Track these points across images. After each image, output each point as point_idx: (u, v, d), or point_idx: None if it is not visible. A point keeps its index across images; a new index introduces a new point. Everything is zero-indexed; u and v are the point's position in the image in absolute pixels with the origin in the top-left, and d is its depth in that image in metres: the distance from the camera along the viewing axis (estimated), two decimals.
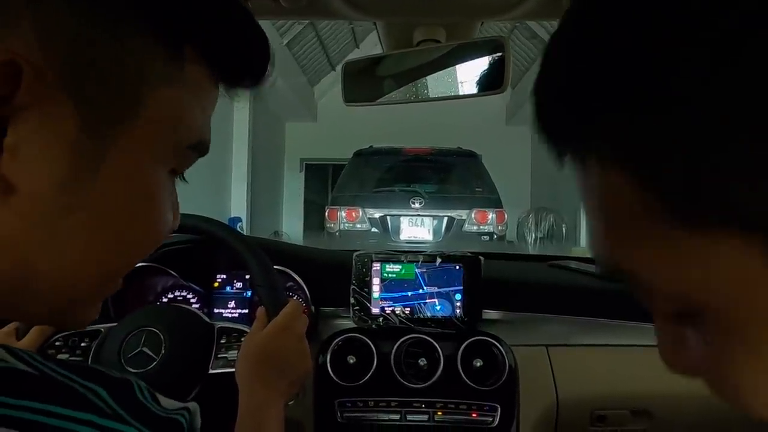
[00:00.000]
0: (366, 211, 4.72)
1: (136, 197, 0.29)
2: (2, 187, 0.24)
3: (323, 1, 0.55)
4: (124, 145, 0.27)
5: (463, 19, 0.62)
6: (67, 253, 0.27)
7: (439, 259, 0.90)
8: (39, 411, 0.22)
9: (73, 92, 0.25)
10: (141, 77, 0.27)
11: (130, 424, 0.24)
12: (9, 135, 0.24)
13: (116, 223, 0.29)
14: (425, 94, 0.67)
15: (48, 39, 0.24)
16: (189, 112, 0.30)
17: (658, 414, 0.88)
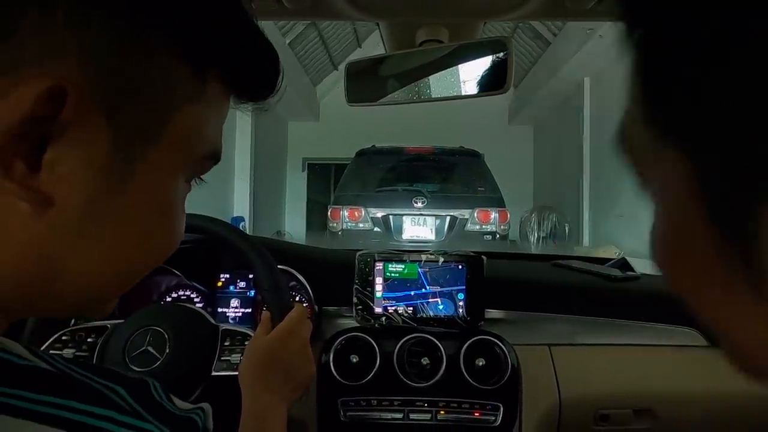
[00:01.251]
0: (368, 211, 4.72)
1: (158, 209, 0.31)
2: (39, 200, 0.26)
3: (326, 2, 0.55)
4: (150, 161, 0.29)
5: (466, 19, 0.62)
6: (92, 259, 0.29)
7: (441, 259, 0.91)
8: (60, 406, 0.23)
9: (108, 113, 0.27)
10: (169, 98, 0.29)
11: (148, 421, 0.25)
12: (48, 152, 0.25)
13: (138, 233, 0.30)
14: (428, 95, 0.67)
15: (88, 62, 0.26)
16: (207, 125, 0.32)
17: (661, 413, 0.88)
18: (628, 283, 1.01)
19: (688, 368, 0.89)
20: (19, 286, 0.27)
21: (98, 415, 0.24)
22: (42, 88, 0.24)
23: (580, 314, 0.94)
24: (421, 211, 4.66)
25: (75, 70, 0.25)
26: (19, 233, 0.26)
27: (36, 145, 0.25)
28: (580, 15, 0.57)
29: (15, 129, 0.24)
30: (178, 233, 0.33)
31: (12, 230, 0.26)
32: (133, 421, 0.24)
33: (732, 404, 0.88)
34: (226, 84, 0.32)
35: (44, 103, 0.24)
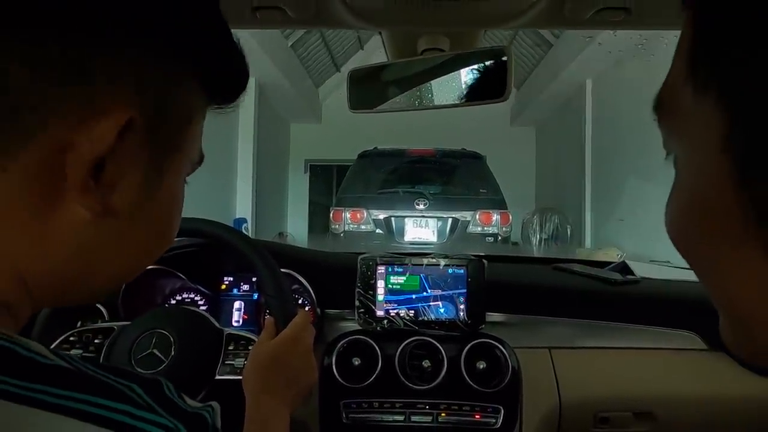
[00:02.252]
0: (370, 213, 4.72)
1: (174, 209, 0.36)
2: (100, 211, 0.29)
3: (329, 12, 0.57)
4: (172, 170, 0.34)
5: (466, 28, 0.63)
6: (123, 256, 0.33)
7: (443, 262, 0.91)
8: (83, 401, 0.25)
9: (150, 131, 0.30)
10: (191, 115, 0.34)
11: (162, 416, 0.26)
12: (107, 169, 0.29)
13: (160, 230, 0.35)
14: (428, 102, 0.68)
15: (142, 90, 0.30)
16: (201, 132, 0.37)
17: (661, 416, 0.88)
18: (628, 286, 1.02)
19: (688, 371, 0.90)
20: (59, 284, 0.31)
21: (117, 409, 0.25)
22: (122, 122, 0.28)
23: (581, 317, 0.94)
24: (423, 213, 4.66)
25: (136, 99, 0.29)
26: (73, 241, 0.30)
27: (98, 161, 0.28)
28: (578, 24, 0.58)
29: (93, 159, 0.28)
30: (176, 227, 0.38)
31: (68, 239, 0.29)
32: (148, 415, 0.26)
33: (731, 407, 0.89)
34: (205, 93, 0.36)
35: (117, 134, 0.28)
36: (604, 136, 6.19)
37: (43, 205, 0.28)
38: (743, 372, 0.89)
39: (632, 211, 5.28)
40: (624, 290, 1.00)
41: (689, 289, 1.03)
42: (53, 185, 0.28)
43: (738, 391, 0.89)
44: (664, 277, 1.08)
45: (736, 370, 0.89)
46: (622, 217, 5.52)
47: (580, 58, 5.78)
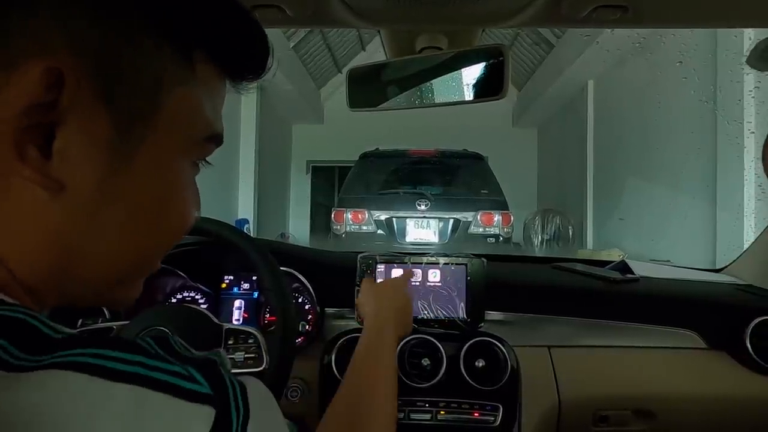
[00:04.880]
0: (372, 213, 4.72)
1: (165, 187, 0.33)
2: (55, 186, 0.28)
3: (328, 10, 0.57)
4: (150, 142, 0.31)
5: (464, 26, 0.64)
6: (107, 240, 0.31)
7: (442, 261, 0.92)
8: (92, 355, 0.25)
9: (104, 97, 0.29)
10: (158, 80, 0.31)
11: (174, 363, 0.27)
12: (57, 139, 0.27)
13: (149, 211, 0.32)
14: (427, 100, 0.68)
15: (79, 53, 0.28)
16: (202, 106, 0.34)
17: (661, 415, 0.88)
18: (628, 285, 1.02)
19: (687, 370, 0.90)
20: (44, 271, 0.30)
21: (130, 361, 0.25)
22: (38, 71, 0.26)
23: (580, 316, 0.94)
24: (424, 214, 4.66)
25: (68, 60, 0.27)
26: (38, 220, 0.28)
27: (46, 134, 0.27)
28: (575, 23, 0.59)
29: (23, 116, 0.26)
30: (188, 213, 0.35)
31: (31, 218, 0.28)
32: (161, 364, 0.26)
33: (731, 406, 0.89)
34: (215, 65, 0.34)
35: (44, 89, 0.26)
36: (606, 137, 6.19)
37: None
38: (743, 371, 0.89)
39: (634, 211, 5.27)
40: (623, 289, 1.00)
41: (689, 288, 1.03)
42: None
43: (738, 390, 0.89)
44: (664, 276, 1.08)
45: (736, 369, 0.89)
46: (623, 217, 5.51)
47: (581, 59, 5.77)
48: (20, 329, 0.25)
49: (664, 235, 4.52)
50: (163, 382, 0.25)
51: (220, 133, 0.36)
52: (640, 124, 5.18)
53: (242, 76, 0.37)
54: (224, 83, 0.36)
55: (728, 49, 3.50)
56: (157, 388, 0.25)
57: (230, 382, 0.28)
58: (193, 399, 0.25)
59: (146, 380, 0.25)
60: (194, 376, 0.26)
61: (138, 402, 0.24)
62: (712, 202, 3.77)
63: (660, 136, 4.76)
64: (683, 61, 4.18)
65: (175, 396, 0.25)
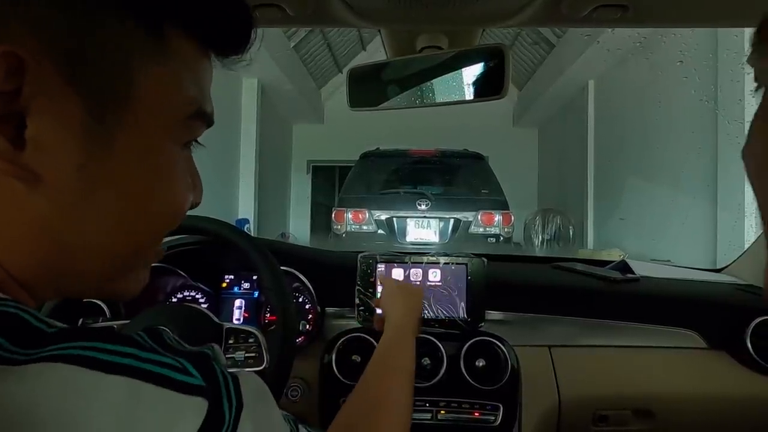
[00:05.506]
0: (372, 213, 4.72)
1: (151, 171, 0.31)
2: (30, 177, 0.27)
3: (328, 10, 0.57)
4: (128, 124, 0.29)
5: (464, 26, 0.64)
6: (96, 229, 0.30)
7: (442, 261, 0.92)
8: (86, 347, 0.25)
9: (72, 81, 0.27)
10: (127, 59, 0.29)
11: (166, 356, 0.27)
12: (28, 128, 0.27)
13: (137, 197, 0.31)
14: (427, 100, 0.68)
15: (38, 34, 0.27)
16: (181, 84, 0.32)
17: (660, 414, 0.89)
18: (628, 285, 1.02)
19: (687, 370, 0.90)
20: (36, 264, 0.29)
21: (122, 353, 0.25)
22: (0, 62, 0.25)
23: (580, 316, 0.94)
24: (425, 214, 4.66)
25: (28, 44, 0.26)
26: (22, 213, 0.28)
27: (16, 123, 0.26)
28: (576, 22, 0.59)
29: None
30: (180, 196, 0.34)
31: (14, 211, 0.28)
32: (153, 356, 0.26)
33: (731, 406, 0.89)
34: (193, 40, 0.32)
35: (5, 74, 0.25)
36: (607, 137, 6.18)
37: None
38: (743, 371, 0.89)
39: (635, 211, 5.27)
40: (624, 289, 1.00)
41: (689, 288, 1.03)
42: None
43: (738, 390, 0.89)
44: (664, 275, 1.08)
45: (736, 369, 0.89)
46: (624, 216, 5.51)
47: (582, 58, 5.77)
48: (12, 323, 0.25)
49: (665, 234, 4.52)
50: (156, 373, 0.25)
51: (207, 111, 0.34)
52: (640, 124, 5.18)
53: (225, 51, 0.35)
54: (208, 59, 0.34)
55: (729, 48, 3.50)
56: (149, 380, 0.25)
57: (222, 374, 0.28)
58: (186, 391, 0.26)
59: (139, 372, 0.25)
60: (187, 368, 0.26)
61: (131, 393, 0.24)
62: (712, 201, 3.77)
63: (660, 135, 4.76)
64: (684, 61, 4.18)
65: (167, 387, 0.25)
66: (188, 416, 0.25)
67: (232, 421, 0.27)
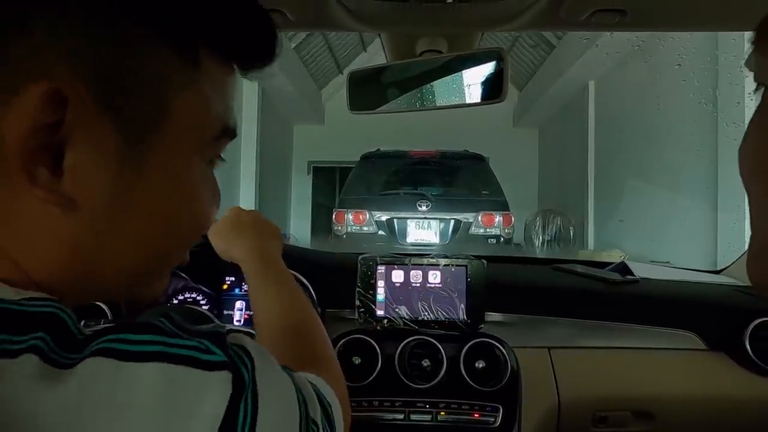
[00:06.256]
0: (373, 214, 4.73)
1: (179, 191, 0.33)
2: (68, 204, 0.29)
3: (328, 14, 0.57)
4: (160, 148, 0.31)
5: (464, 30, 0.64)
6: (126, 248, 0.32)
7: (442, 262, 0.92)
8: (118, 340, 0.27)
9: (109, 110, 0.29)
10: (163, 85, 0.30)
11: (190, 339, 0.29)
12: (67, 157, 0.28)
13: (165, 216, 0.33)
14: (427, 103, 0.69)
15: (77, 67, 0.28)
16: (211, 105, 0.33)
17: (660, 416, 0.89)
18: (627, 286, 1.02)
19: (687, 371, 0.90)
20: (67, 280, 0.31)
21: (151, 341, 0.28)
22: (40, 93, 0.26)
23: (580, 317, 0.95)
24: (425, 215, 4.67)
25: (68, 77, 0.27)
26: (55, 234, 0.29)
27: (55, 153, 0.28)
28: (575, 26, 0.59)
29: (29, 139, 0.26)
30: (205, 212, 0.35)
31: (49, 233, 0.29)
32: (179, 341, 0.28)
33: (730, 407, 0.89)
34: (220, 59, 0.33)
35: (47, 108, 0.26)
36: (607, 138, 6.19)
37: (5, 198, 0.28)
38: (742, 372, 0.89)
39: (635, 213, 5.27)
40: (623, 290, 1.01)
41: (688, 290, 1.04)
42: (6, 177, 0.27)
43: (737, 391, 0.89)
44: (663, 277, 1.09)
45: (735, 370, 0.89)
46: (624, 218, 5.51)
47: (582, 59, 5.78)
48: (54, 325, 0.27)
49: (666, 236, 4.52)
50: (185, 356, 0.28)
51: (231, 127, 0.35)
52: (641, 125, 5.18)
53: (250, 65, 0.36)
54: (233, 74, 0.35)
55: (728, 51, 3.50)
56: (180, 362, 0.27)
57: (233, 346, 0.31)
58: (213, 368, 0.28)
59: (170, 357, 0.27)
60: (210, 348, 0.29)
61: (166, 377, 0.27)
62: (713, 203, 3.77)
63: (661, 137, 4.77)
64: (683, 64, 4.19)
65: (197, 367, 0.28)
66: (219, 388, 0.28)
67: (250, 381, 0.30)
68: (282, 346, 0.53)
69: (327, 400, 0.41)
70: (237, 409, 0.28)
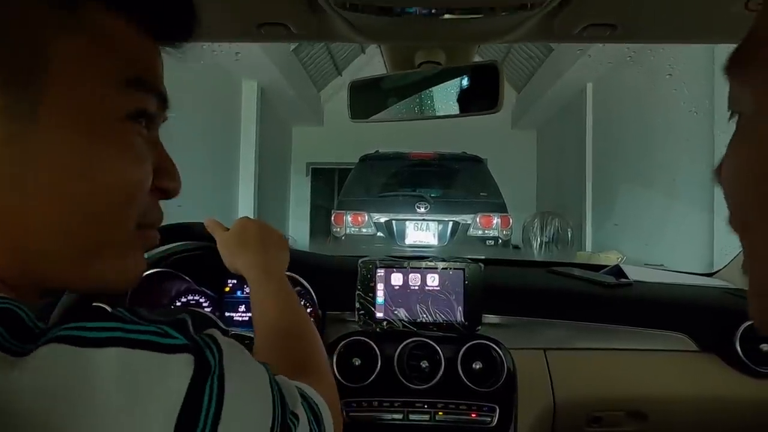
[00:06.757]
0: (372, 216, 4.75)
1: (85, 140, 0.32)
2: None
3: (331, 27, 0.59)
4: (51, 97, 0.30)
5: (461, 43, 0.66)
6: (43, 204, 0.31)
7: (440, 266, 0.94)
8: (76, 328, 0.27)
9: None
10: (37, 35, 0.30)
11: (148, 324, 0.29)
12: None
13: (76, 168, 0.31)
14: (425, 113, 0.71)
15: None
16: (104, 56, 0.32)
17: (652, 416, 0.91)
18: (621, 289, 1.04)
19: (679, 372, 0.92)
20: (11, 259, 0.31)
21: (108, 327, 0.28)
22: None
23: (575, 319, 0.96)
24: (423, 217, 4.69)
25: None
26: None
27: None
28: (568, 39, 0.61)
29: None
30: (130, 168, 0.34)
31: None
32: (136, 326, 0.28)
33: (721, 407, 0.91)
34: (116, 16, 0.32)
35: None
36: (605, 140, 6.21)
37: None
38: (733, 373, 0.91)
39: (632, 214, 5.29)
40: (617, 293, 1.02)
41: (681, 292, 1.06)
42: None
43: (727, 391, 0.91)
44: (657, 280, 1.11)
45: (726, 371, 0.91)
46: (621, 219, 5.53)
47: (580, 61, 5.81)
48: (8, 318, 0.28)
49: (662, 238, 4.55)
50: (143, 341, 0.28)
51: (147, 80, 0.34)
52: (638, 127, 5.21)
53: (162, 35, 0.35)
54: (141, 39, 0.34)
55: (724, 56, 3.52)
56: (137, 347, 0.27)
57: (203, 334, 0.31)
58: (172, 351, 0.28)
59: (127, 341, 0.27)
60: (168, 332, 0.29)
61: (124, 361, 0.27)
62: (709, 206, 3.80)
63: (658, 139, 4.79)
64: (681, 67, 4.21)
65: (155, 351, 0.28)
66: (179, 370, 0.28)
67: (217, 366, 0.30)
68: (277, 354, 0.54)
69: (314, 400, 0.42)
70: (201, 392, 0.28)
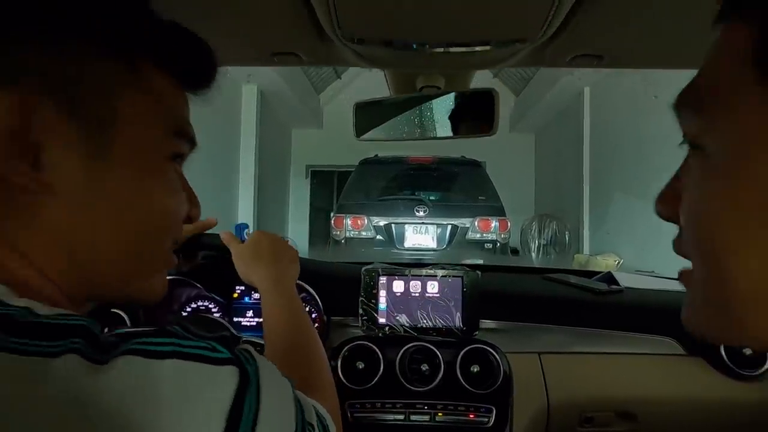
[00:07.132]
0: (371, 219, 4.76)
1: (141, 179, 0.38)
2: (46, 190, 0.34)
3: (339, 55, 0.64)
4: (119, 143, 0.37)
5: (460, 70, 0.71)
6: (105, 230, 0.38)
7: (440, 273, 0.97)
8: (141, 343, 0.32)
9: (65, 112, 0.35)
10: (110, 91, 0.36)
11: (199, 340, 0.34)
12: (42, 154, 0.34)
13: (133, 203, 0.38)
14: (426, 134, 0.75)
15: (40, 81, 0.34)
16: (159, 108, 0.39)
17: (642, 416, 0.94)
18: (613, 296, 1.07)
19: (666, 375, 0.95)
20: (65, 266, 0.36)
21: (166, 342, 0.32)
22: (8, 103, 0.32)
23: (568, 325, 1.00)
24: (422, 220, 4.70)
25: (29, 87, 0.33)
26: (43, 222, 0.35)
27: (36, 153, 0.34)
28: (559, 65, 0.66)
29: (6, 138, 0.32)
30: (171, 202, 0.41)
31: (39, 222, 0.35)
32: (190, 342, 0.33)
33: (705, 408, 0.94)
34: (166, 74, 0.39)
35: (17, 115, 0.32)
36: (602, 143, 6.25)
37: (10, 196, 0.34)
38: (718, 376, 0.94)
39: (629, 217, 5.33)
40: (608, 299, 1.06)
41: (669, 298, 1.10)
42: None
43: (713, 393, 0.94)
44: (647, 286, 1.15)
45: (712, 374, 0.95)
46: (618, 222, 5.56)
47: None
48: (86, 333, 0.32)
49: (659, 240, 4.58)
50: (196, 354, 0.32)
51: (186, 130, 0.41)
52: (636, 131, 5.24)
53: (190, 84, 0.42)
54: (180, 91, 0.41)
55: None
56: (190, 359, 0.32)
57: (240, 349, 0.36)
58: (220, 363, 0.33)
59: (183, 355, 0.32)
60: (216, 347, 0.34)
61: (181, 370, 0.31)
62: None
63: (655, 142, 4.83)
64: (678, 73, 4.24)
65: (206, 363, 0.32)
66: (227, 380, 0.33)
67: (255, 378, 0.34)
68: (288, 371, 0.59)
69: (324, 417, 0.47)
70: (243, 400, 0.32)
